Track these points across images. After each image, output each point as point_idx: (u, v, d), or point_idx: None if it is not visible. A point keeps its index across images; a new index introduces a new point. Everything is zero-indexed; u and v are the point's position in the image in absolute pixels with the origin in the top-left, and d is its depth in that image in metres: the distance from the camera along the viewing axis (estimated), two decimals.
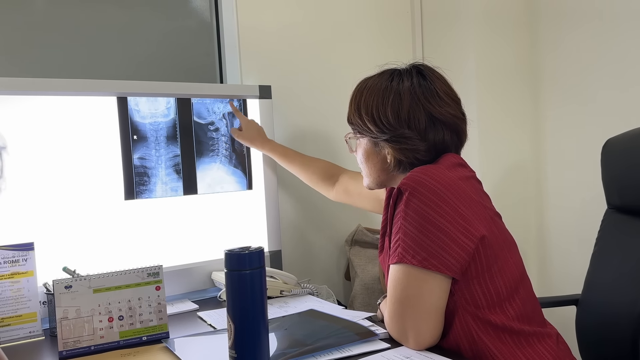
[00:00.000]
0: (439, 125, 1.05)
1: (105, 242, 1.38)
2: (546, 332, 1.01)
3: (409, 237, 0.96)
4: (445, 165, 1.02)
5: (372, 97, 1.08)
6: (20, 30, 1.53)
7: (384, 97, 1.06)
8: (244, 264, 0.86)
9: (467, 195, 0.98)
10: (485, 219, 0.99)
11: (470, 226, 0.95)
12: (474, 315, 0.96)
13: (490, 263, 0.97)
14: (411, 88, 1.05)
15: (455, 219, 0.94)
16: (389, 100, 1.05)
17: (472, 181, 1.05)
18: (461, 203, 0.96)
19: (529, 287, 1.04)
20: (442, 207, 0.94)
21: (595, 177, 1.39)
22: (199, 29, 1.78)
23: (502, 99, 1.85)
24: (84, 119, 1.35)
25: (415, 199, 0.96)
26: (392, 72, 1.10)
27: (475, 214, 0.97)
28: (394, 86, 1.06)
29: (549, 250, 1.86)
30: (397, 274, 0.97)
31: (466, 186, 1.00)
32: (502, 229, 1.05)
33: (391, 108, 1.05)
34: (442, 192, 0.95)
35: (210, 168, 1.52)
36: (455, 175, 1.00)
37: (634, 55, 1.56)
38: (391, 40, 1.98)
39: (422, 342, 0.96)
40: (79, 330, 1.06)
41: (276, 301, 1.35)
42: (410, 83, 1.06)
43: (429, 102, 1.05)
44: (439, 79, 1.09)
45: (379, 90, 1.07)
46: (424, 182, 0.96)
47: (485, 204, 1.03)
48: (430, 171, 0.98)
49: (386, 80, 1.08)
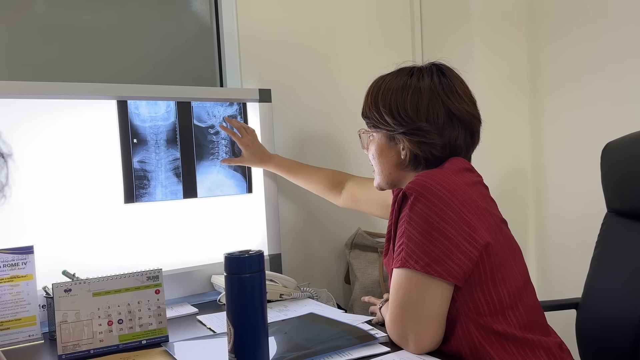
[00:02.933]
0: (456, 123, 1.05)
1: (105, 246, 1.37)
2: (550, 340, 1.00)
3: (412, 242, 0.95)
4: (451, 170, 1.02)
5: (390, 91, 1.08)
6: (20, 34, 1.53)
7: (403, 92, 1.06)
8: (243, 267, 0.86)
9: (473, 201, 0.97)
10: (491, 225, 0.98)
11: (475, 233, 0.94)
12: (476, 322, 0.95)
13: (494, 271, 0.96)
14: (431, 84, 1.06)
15: (459, 226, 0.94)
16: (408, 94, 1.05)
17: (478, 186, 1.04)
18: (466, 209, 0.95)
19: (532, 295, 1.04)
20: (446, 213, 0.94)
21: (595, 181, 1.39)
22: (199, 33, 1.78)
23: (502, 102, 1.86)
24: (84, 122, 1.35)
25: (420, 204, 0.95)
26: (411, 69, 1.10)
27: (480, 220, 0.96)
28: (414, 82, 1.07)
29: (548, 254, 1.86)
30: (399, 279, 0.97)
31: (472, 192, 0.99)
32: (508, 236, 1.04)
33: (410, 102, 1.05)
34: (447, 197, 0.95)
35: (210, 171, 1.52)
36: (461, 180, 0.99)
37: (635, 58, 1.56)
38: (391, 41, 1.98)
39: (422, 347, 0.96)
40: (78, 333, 1.06)
41: (276, 305, 1.35)
42: (431, 79, 1.06)
43: (449, 98, 1.05)
44: (457, 78, 1.09)
45: (397, 85, 1.07)
46: (430, 186, 0.95)
47: (492, 210, 1.02)
48: (436, 176, 0.97)
49: (405, 76, 1.08)
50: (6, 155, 0.66)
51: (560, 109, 1.78)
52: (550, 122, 1.82)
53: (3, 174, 0.66)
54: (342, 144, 1.87)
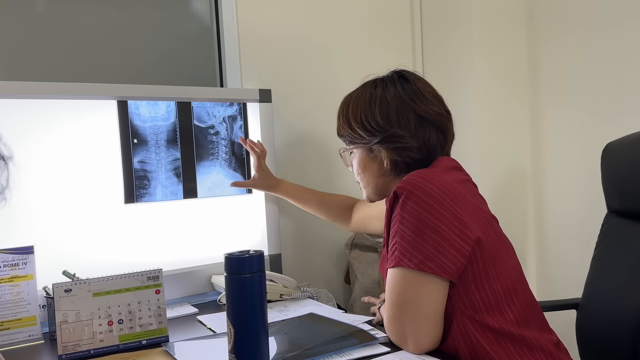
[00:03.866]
0: (427, 124, 1.07)
1: (105, 246, 1.38)
2: (546, 337, 1.01)
3: (405, 240, 0.96)
4: (440, 168, 1.03)
5: (358, 106, 1.11)
6: (20, 34, 1.53)
7: (370, 104, 1.09)
8: (243, 267, 0.86)
9: (463, 197, 0.98)
10: (482, 221, 0.99)
11: (466, 228, 0.95)
12: (472, 319, 0.96)
13: (488, 266, 0.97)
14: (396, 91, 1.09)
15: (451, 222, 0.94)
16: (375, 105, 1.09)
17: (467, 184, 1.06)
18: (457, 205, 0.96)
19: (527, 290, 1.04)
20: (437, 210, 0.95)
21: (595, 181, 1.39)
22: (199, 33, 1.78)
23: (502, 102, 1.86)
24: (84, 122, 1.35)
25: (410, 202, 0.96)
26: (374, 81, 1.14)
27: (471, 216, 0.97)
28: (379, 93, 1.10)
29: (548, 254, 1.86)
30: (394, 278, 0.97)
31: (462, 189, 1.00)
32: (499, 232, 1.05)
33: (379, 112, 1.08)
34: (438, 194, 0.95)
35: (210, 172, 1.52)
36: (450, 178, 1.00)
37: (635, 58, 1.56)
38: (391, 42, 1.98)
39: (422, 346, 0.96)
40: (78, 334, 1.06)
41: (276, 305, 1.35)
42: (394, 87, 1.09)
43: (414, 102, 1.08)
44: (420, 80, 1.12)
45: (364, 99, 1.11)
46: (420, 185, 0.96)
47: (482, 207, 1.03)
48: (425, 174, 0.99)
49: (370, 89, 1.12)
50: (7, 158, 0.67)
51: (560, 109, 1.78)
52: (550, 122, 1.82)
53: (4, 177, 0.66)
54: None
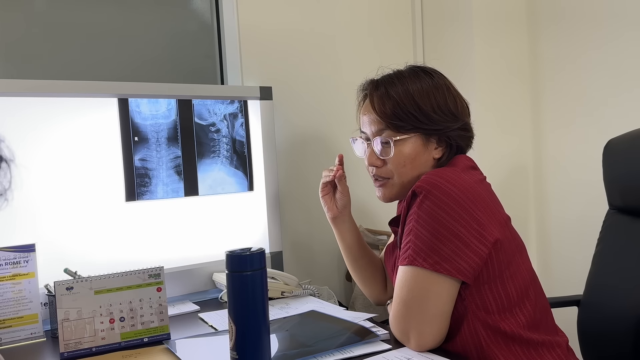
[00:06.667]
0: None
1: (107, 244, 1.38)
2: (556, 340, 1.00)
3: (420, 240, 0.95)
4: (460, 167, 1.02)
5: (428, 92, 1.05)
6: (20, 32, 1.53)
7: (439, 90, 1.06)
8: (245, 265, 0.86)
9: (483, 198, 0.97)
10: (500, 223, 0.98)
11: (485, 231, 0.94)
12: (484, 322, 0.95)
13: (503, 268, 0.96)
14: (449, 83, 1.10)
15: (469, 224, 0.93)
16: (447, 92, 1.07)
17: (485, 184, 1.05)
18: (476, 207, 0.94)
19: (540, 292, 1.03)
20: (456, 211, 0.93)
21: (596, 178, 1.39)
22: (199, 31, 1.78)
23: (503, 100, 1.85)
24: (85, 120, 1.35)
25: (428, 202, 0.94)
26: (415, 70, 1.10)
27: (490, 218, 0.96)
28: (440, 81, 1.08)
29: (550, 251, 1.86)
30: (405, 276, 0.96)
31: (481, 189, 0.99)
32: (515, 233, 1.04)
33: (455, 99, 1.08)
34: (457, 195, 0.94)
35: (212, 169, 1.52)
36: (470, 178, 0.99)
37: (635, 55, 1.55)
38: (392, 40, 1.98)
39: (424, 345, 0.96)
40: (80, 331, 1.06)
41: (277, 302, 1.35)
42: (444, 79, 1.10)
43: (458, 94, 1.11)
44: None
45: (428, 85, 1.06)
46: (439, 184, 0.95)
47: (499, 208, 1.02)
48: (445, 174, 0.97)
49: (424, 76, 1.08)
50: (9, 161, 0.67)
51: (562, 106, 1.78)
52: (552, 119, 1.82)
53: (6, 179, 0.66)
54: (343, 142, 1.86)
